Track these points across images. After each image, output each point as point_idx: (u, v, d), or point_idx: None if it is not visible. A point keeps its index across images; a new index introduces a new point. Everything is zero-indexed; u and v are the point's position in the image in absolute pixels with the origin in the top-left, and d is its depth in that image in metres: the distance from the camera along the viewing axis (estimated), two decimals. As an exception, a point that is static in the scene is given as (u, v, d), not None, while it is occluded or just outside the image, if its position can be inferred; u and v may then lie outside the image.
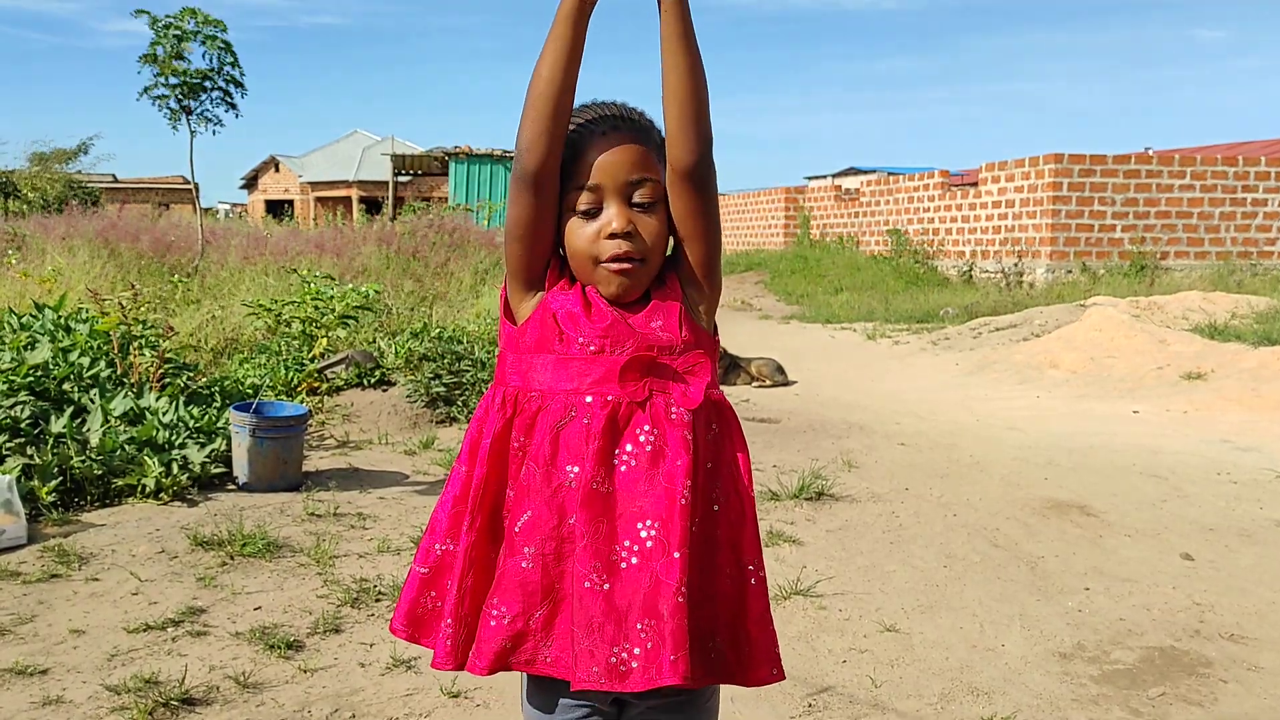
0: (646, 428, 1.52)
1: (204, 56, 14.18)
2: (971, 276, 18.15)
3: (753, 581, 1.60)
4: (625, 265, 1.56)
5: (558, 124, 1.51)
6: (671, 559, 1.47)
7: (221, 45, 14.15)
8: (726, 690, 1.68)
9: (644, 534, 1.49)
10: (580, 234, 1.57)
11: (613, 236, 1.55)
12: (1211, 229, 17.07)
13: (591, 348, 1.54)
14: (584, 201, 1.57)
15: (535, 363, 1.57)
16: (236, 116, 14.72)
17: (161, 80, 14.06)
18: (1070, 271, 16.37)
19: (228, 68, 14.34)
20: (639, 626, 1.47)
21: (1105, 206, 16.64)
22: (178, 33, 13.83)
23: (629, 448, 1.52)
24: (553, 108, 1.50)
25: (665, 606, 1.46)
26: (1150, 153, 17.40)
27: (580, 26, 1.50)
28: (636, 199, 1.57)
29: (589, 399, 1.53)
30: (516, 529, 1.54)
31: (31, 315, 6.64)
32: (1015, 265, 17.03)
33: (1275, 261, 16.98)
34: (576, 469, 1.52)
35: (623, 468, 1.52)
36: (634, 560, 1.49)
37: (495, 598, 1.55)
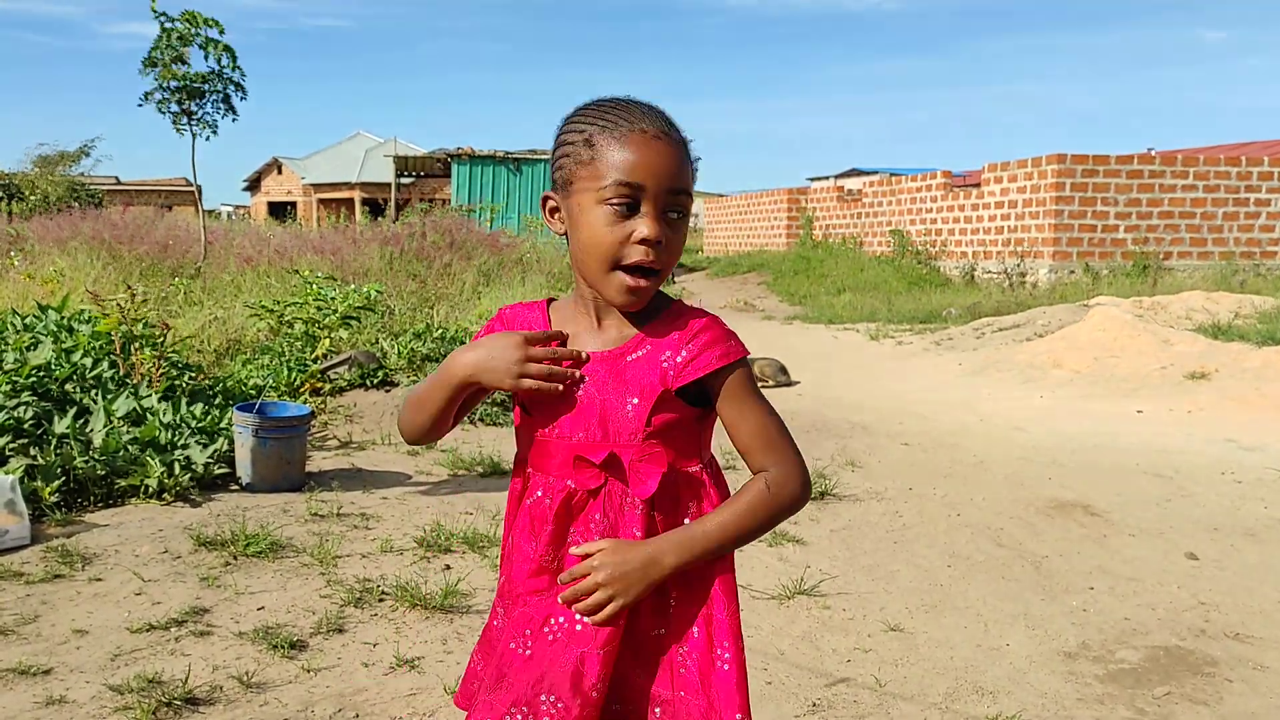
0: (598, 516, 1.52)
1: (206, 60, 14.20)
2: (974, 277, 18.13)
3: (725, 667, 1.51)
4: (643, 282, 1.48)
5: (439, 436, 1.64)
6: (596, 652, 1.47)
7: (223, 48, 14.17)
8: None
9: (578, 615, 1.49)
10: (609, 230, 1.47)
11: (644, 243, 1.46)
12: (1215, 229, 17.05)
13: (556, 431, 1.54)
14: (620, 195, 1.46)
15: (523, 438, 1.63)
16: (233, 120, 14.74)
17: (162, 84, 14.08)
18: (1073, 272, 16.35)
19: (228, 71, 14.36)
20: (543, 699, 1.47)
21: (1108, 207, 16.62)
22: (179, 36, 13.84)
23: (579, 530, 1.54)
24: (431, 438, 1.64)
25: (578, 694, 1.46)
26: (1153, 153, 17.38)
27: (457, 403, 1.58)
28: (671, 211, 1.49)
29: (552, 479, 1.55)
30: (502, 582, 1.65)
31: (34, 316, 6.65)
32: (1018, 266, 17.01)
33: (1278, 261, 16.96)
34: (535, 544, 1.55)
35: (573, 548, 1.53)
36: (559, 635, 1.50)
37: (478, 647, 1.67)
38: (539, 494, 1.55)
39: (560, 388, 1.51)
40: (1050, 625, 3.71)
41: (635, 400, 1.50)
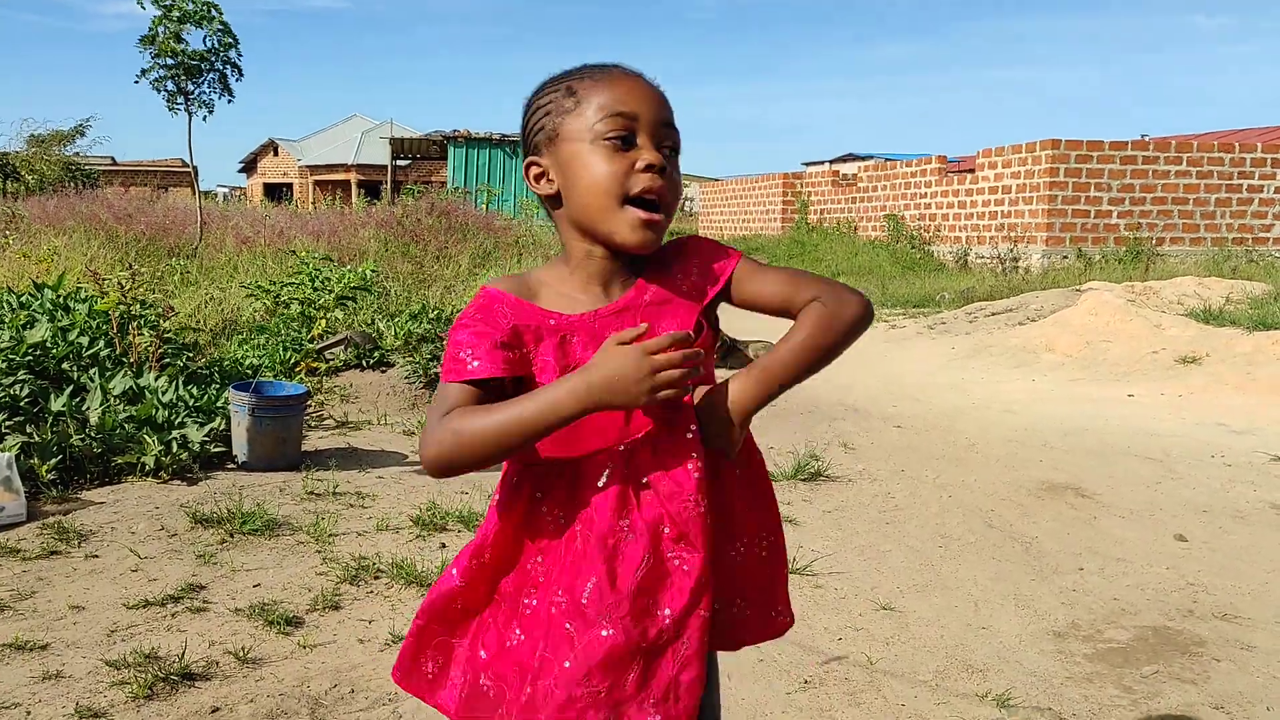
0: (651, 459, 1.47)
1: (204, 40, 14.13)
2: (968, 262, 18.16)
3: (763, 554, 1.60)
4: (655, 215, 1.43)
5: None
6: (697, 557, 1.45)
7: (220, 27, 14.10)
8: (724, 667, 1.70)
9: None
10: (609, 164, 1.42)
11: (649, 170, 1.41)
12: (1207, 215, 17.08)
13: None
14: (616, 127, 1.41)
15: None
16: (230, 101, 14.67)
17: (159, 62, 14.02)
18: (1066, 257, 16.38)
19: (225, 50, 14.29)
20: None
21: (1101, 193, 16.64)
22: (178, 13, 13.77)
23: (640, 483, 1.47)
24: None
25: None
26: (1147, 139, 17.40)
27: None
28: (664, 145, 1.46)
29: (598, 459, 1.46)
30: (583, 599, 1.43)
31: (30, 295, 6.65)
32: (1011, 251, 17.04)
33: (1270, 247, 17.00)
34: (619, 524, 1.45)
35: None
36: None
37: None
38: (603, 478, 1.44)
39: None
40: (1040, 605, 3.75)
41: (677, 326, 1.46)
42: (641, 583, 1.40)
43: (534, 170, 1.51)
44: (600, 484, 1.44)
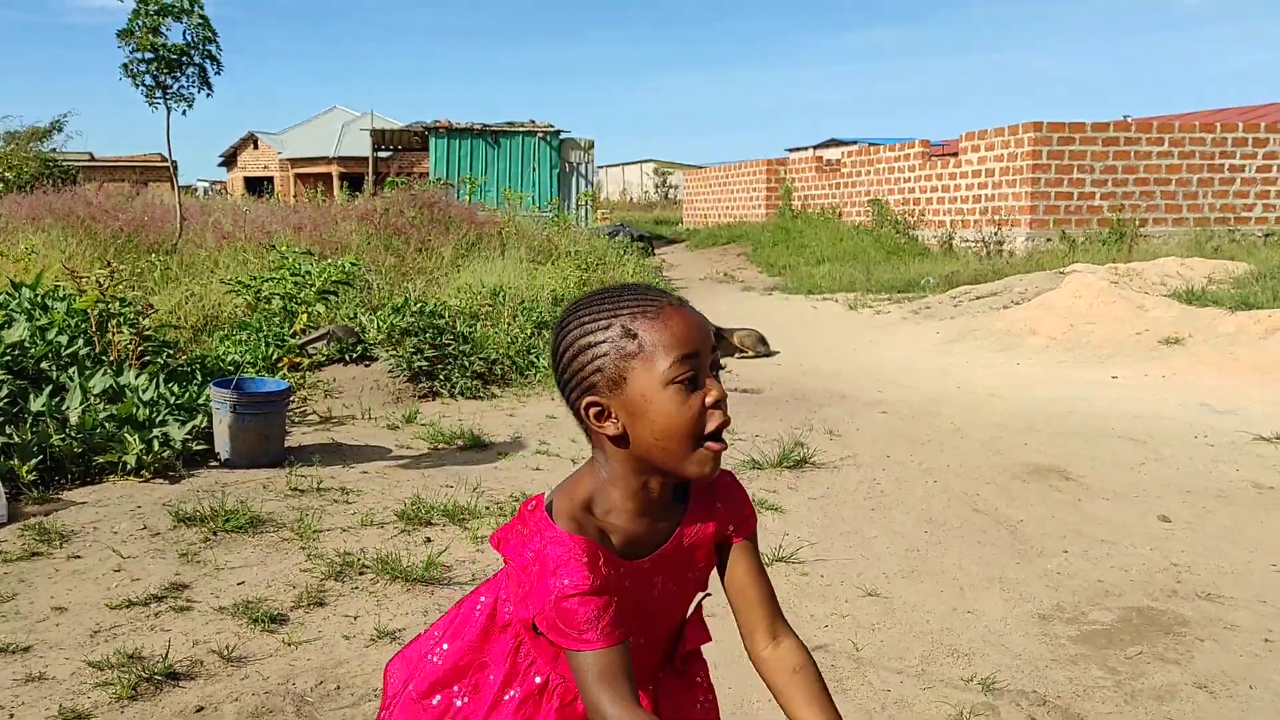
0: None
1: (184, 33, 14.01)
2: (952, 246, 18.18)
3: None
4: (723, 445, 1.45)
5: None
6: None
7: (200, 20, 13.98)
8: (710, 658, 1.70)
9: None
10: (686, 406, 1.41)
11: (717, 406, 1.43)
12: (1189, 195, 17.13)
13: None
14: (686, 371, 1.41)
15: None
16: (209, 95, 14.56)
17: (138, 56, 13.89)
18: (1049, 240, 16.41)
19: (205, 44, 14.17)
20: None
21: (1084, 174, 16.67)
22: (156, 6, 13.65)
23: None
24: None
25: None
26: (1129, 120, 17.43)
27: None
28: (714, 370, 1.48)
29: None
30: None
31: (8, 294, 6.59)
32: (995, 234, 17.06)
33: (1252, 227, 17.06)
34: None
35: None
36: None
37: None
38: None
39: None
40: (1025, 588, 3.76)
41: (699, 570, 1.54)
42: None
43: (594, 410, 1.46)
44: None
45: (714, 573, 1.57)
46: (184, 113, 14.42)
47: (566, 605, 1.37)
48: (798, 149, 34.91)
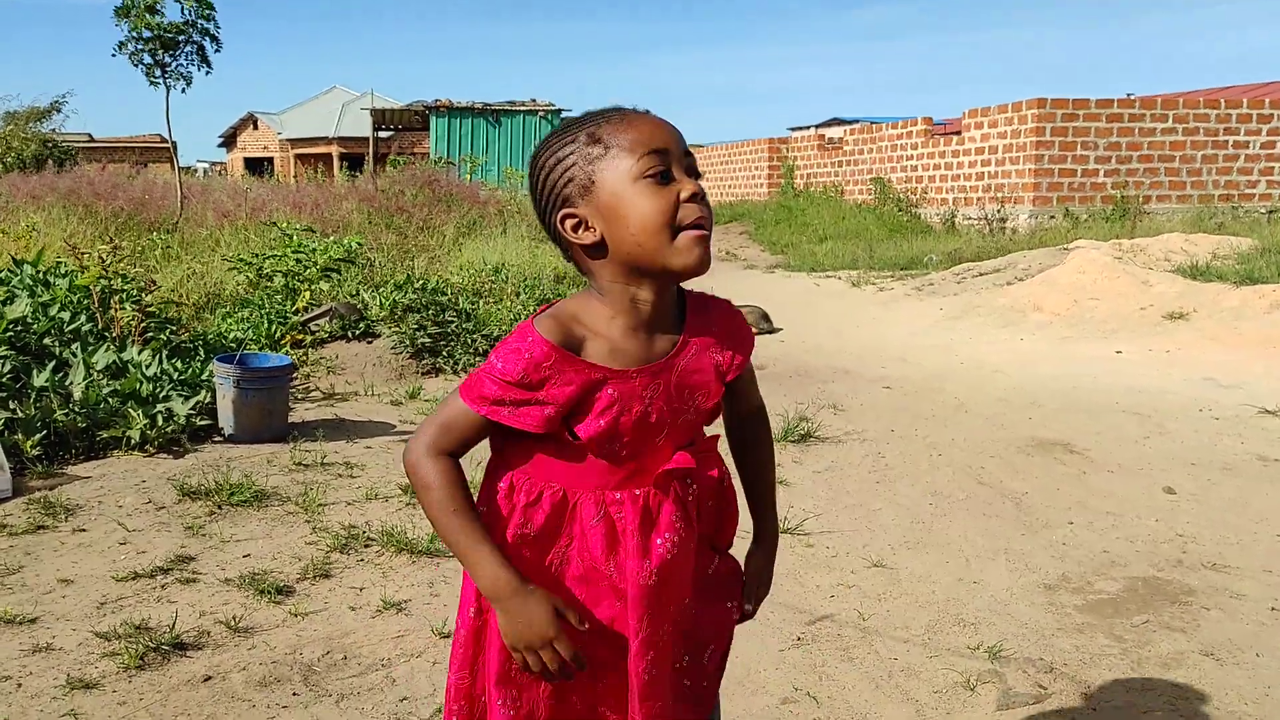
0: (676, 515, 1.55)
1: (182, 11, 13.96)
2: (955, 223, 18.14)
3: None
4: (705, 233, 1.45)
5: None
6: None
7: (197, -3, 13.93)
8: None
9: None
10: (656, 201, 1.42)
11: (692, 200, 1.43)
12: (1193, 172, 17.08)
13: (625, 453, 1.50)
14: (654, 165, 1.42)
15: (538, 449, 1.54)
16: (207, 73, 14.52)
17: (135, 34, 13.85)
18: (1053, 216, 16.37)
19: (203, 21, 14.13)
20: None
21: (1088, 151, 16.61)
22: None
23: (662, 534, 1.54)
24: None
25: None
26: (1133, 97, 17.35)
27: None
28: (692, 171, 1.49)
29: (613, 494, 1.52)
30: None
31: (9, 270, 6.57)
32: (998, 211, 17.02)
33: (1256, 204, 17.00)
34: (609, 566, 1.55)
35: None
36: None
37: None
38: (603, 513, 1.51)
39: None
40: (1030, 559, 3.76)
41: (698, 402, 1.54)
42: None
43: (570, 221, 1.47)
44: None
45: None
46: (183, 90, 14.43)
47: (482, 377, 1.45)
48: (800, 128, 34.76)
